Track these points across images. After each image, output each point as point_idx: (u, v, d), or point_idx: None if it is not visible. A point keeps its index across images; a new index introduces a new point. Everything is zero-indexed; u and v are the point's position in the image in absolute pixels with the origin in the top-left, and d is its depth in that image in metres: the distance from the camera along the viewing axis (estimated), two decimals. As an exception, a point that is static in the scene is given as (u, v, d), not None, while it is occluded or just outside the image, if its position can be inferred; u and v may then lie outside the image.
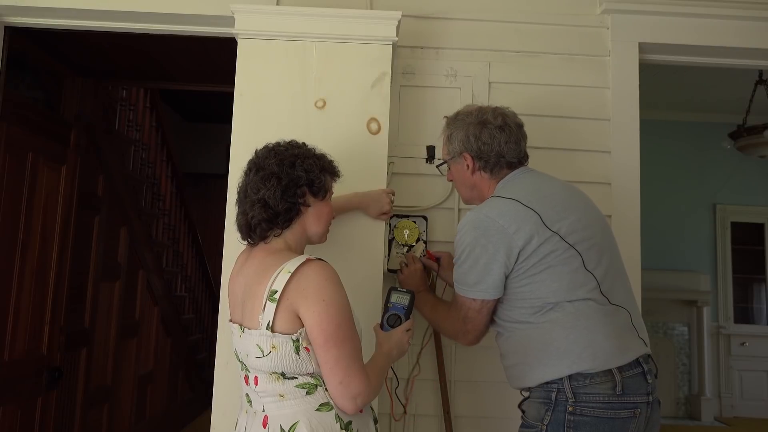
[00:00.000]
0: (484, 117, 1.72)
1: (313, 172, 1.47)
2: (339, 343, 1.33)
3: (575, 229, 1.60)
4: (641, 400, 1.52)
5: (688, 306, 6.17)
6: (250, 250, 1.51)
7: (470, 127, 1.72)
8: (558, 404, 1.50)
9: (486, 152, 1.70)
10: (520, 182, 1.70)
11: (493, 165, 1.71)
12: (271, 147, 1.51)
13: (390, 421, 2.06)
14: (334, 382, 1.33)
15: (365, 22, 1.93)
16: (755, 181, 6.29)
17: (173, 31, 2.29)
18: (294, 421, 1.34)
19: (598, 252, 1.61)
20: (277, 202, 1.42)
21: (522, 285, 1.58)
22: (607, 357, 1.51)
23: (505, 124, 1.71)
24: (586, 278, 1.57)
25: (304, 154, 1.48)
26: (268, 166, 1.44)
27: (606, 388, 1.49)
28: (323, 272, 1.36)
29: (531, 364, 1.57)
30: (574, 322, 1.53)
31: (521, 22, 2.26)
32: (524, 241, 1.56)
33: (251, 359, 1.38)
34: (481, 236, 1.59)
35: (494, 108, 1.75)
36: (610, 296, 1.59)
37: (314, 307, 1.33)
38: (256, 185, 1.44)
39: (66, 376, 3.10)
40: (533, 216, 1.58)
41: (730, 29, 2.27)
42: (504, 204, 1.62)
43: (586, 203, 1.72)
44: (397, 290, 1.62)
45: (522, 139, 1.74)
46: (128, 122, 4.05)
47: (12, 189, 2.55)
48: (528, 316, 1.58)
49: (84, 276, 3.34)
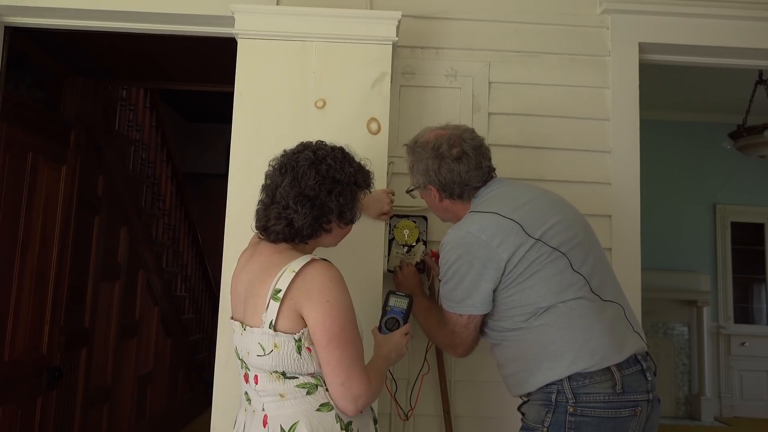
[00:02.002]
0: (439, 150, 1.66)
1: (348, 204, 1.44)
2: (342, 345, 1.32)
3: (557, 232, 1.60)
4: (641, 398, 1.52)
5: (688, 306, 6.17)
6: (255, 247, 1.51)
7: (428, 161, 1.68)
8: (558, 406, 1.50)
9: (449, 184, 1.68)
10: (496, 195, 1.68)
11: (460, 193, 1.70)
12: (312, 156, 1.43)
13: (390, 421, 2.06)
14: (335, 383, 1.33)
15: (365, 22, 1.93)
16: (755, 181, 6.28)
17: (173, 31, 2.29)
18: (294, 421, 1.34)
19: (582, 251, 1.62)
20: (303, 226, 1.40)
21: (511, 294, 1.58)
22: (605, 353, 1.51)
23: (462, 153, 1.66)
24: (574, 278, 1.57)
25: (346, 180, 1.43)
26: (305, 182, 1.40)
27: (606, 387, 1.49)
28: (327, 273, 1.36)
29: (530, 369, 1.57)
30: (568, 323, 1.53)
31: (521, 22, 2.26)
32: (509, 253, 1.56)
33: (252, 357, 1.38)
34: (465, 253, 1.59)
35: (449, 136, 1.69)
36: (601, 293, 1.59)
37: (318, 308, 1.33)
38: (286, 198, 1.40)
39: (66, 376, 3.10)
40: (515, 226, 1.58)
41: (730, 29, 2.27)
42: (484, 218, 1.62)
43: (564, 205, 1.72)
44: (396, 294, 1.62)
45: (483, 160, 1.70)
46: (128, 122, 4.05)
47: (12, 189, 2.55)
48: (521, 323, 1.58)
49: (84, 276, 3.33)
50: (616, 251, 2.15)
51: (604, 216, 2.17)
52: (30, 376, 2.70)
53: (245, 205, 1.73)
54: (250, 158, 1.84)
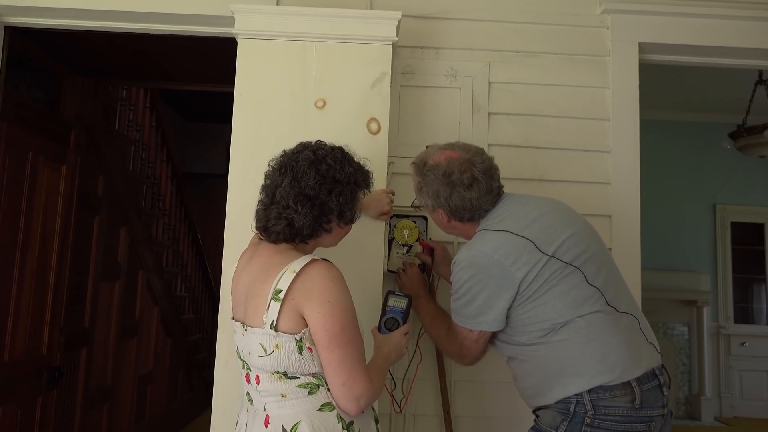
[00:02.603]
0: (451, 177, 1.63)
1: (347, 204, 1.44)
2: (343, 345, 1.33)
3: (570, 246, 1.59)
4: (657, 413, 1.52)
5: (688, 306, 6.17)
6: (255, 248, 1.51)
7: (439, 187, 1.65)
8: (576, 416, 1.50)
9: (459, 210, 1.66)
10: (507, 212, 1.67)
11: (470, 217, 1.68)
12: (312, 155, 1.43)
13: (390, 421, 2.06)
14: (337, 383, 1.33)
15: (365, 22, 1.93)
16: (755, 181, 6.28)
17: (173, 31, 2.29)
18: (296, 421, 1.34)
19: (596, 263, 1.61)
20: (303, 226, 1.40)
21: (527, 311, 1.57)
22: (624, 367, 1.51)
23: (473, 180, 1.63)
24: (589, 291, 1.57)
25: (346, 179, 1.43)
26: (305, 182, 1.40)
27: (625, 401, 1.49)
28: (328, 273, 1.36)
29: (549, 384, 1.56)
30: (587, 337, 1.53)
31: (521, 22, 2.26)
32: (524, 272, 1.55)
33: (253, 358, 1.38)
34: (478, 272, 1.58)
35: (460, 161, 1.65)
36: (617, 305, 1.59)
37: (319, 308, 1.33)
38: (286, 198, 1.40)
39: (66, 376, 3.10)
40: (527, 244, 1.57)
41: (730, 29, 2.27)
42: (497, 237, 1.61)
43: (573, 217, 1.72)
44: (395, 294, 1.62)
45: (493, 182, 1.67)
46: (128, 122, 4.05)
47: (12, 189, 2.55)
48: (538, 338, 1.57)
49: (84, 276, 3.33)
50: (616, 251, 2.14)
51: (604, 216, 2.17)
52: (30, 376, 2.70)
53: (245, 205, 1.73)
54: (250, 158, 1.84)
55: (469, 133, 2.18)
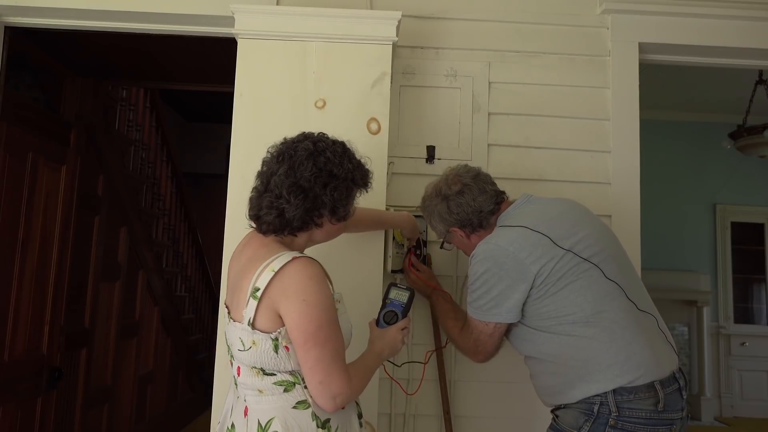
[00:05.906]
0: (442, 193, 1.74)
1: (341, 200, 1.42)
2: (320, 344, 1.30)
3: (588, 244, 1.60)
4: (677, 416, 1.53)
5: (688, 306, 6.17)
6: (251, 235, 1.50)
7: (439, 208, 1.74)
8: (600, 417, 1.50)
9: (465, 218, 1.72)
10: (525, 210, 1.70)
11: (480, 222, 1.72)
12: (312, 147, 1.42)
13: (390, 421, 2.06)
14: (313, 381, 1.31)
15: (365, 22, 1.93)
16: (755, 181, 6.28)
17: (173, 31, 2.29)
18: (270, 417, 1.34)
19: (614, 262, 1.62)
20: (293, 218, 1.39)
21: (545, 305, 1.57)
22: (648, 367, 1.51)
23: (462, 187, 1.72)
24: (609, 286, 1.57)
25: (344, 175, 1.41)
26: (300, 173, 1.38)
27: (649, 404, 1.49)
28: (306, 271, 1.33)
29: (571, 382, 1.56)
30: (611, 335, 1.53)
31: (521, 22, 2.26)
32: (539, 265, 1.56)
33: (234, 350, 1.39)
34: (493, 265, 1.59)
35: (446, 177, 1.77)
36: (637, 302, 1.60)
37: (294, 307, 1.30)
38: (280, 186, 1.39)
39: (66, 376, 3.10)
40: (543, 239, 1.58)
41: (730, 29, 2.27)
42: (512, 231, 1.62)
43: (592, 218, 1.73)
44: (397, 287, 1.57)
45: (485, 185, 1.74)
46: (128, 122, 4.05)
47: (12, 189, 2.55)
48: (559, 333, 1.57)
49: (84, 276, 3.33)
50: (616, 251, 2.14)
51: (604, 216, 2.16)
52: (30, 376, 2.70)
53: (245, 205, 1.72)
54: (250, 158, 1.82)
55: (469, 133, 2.18)
